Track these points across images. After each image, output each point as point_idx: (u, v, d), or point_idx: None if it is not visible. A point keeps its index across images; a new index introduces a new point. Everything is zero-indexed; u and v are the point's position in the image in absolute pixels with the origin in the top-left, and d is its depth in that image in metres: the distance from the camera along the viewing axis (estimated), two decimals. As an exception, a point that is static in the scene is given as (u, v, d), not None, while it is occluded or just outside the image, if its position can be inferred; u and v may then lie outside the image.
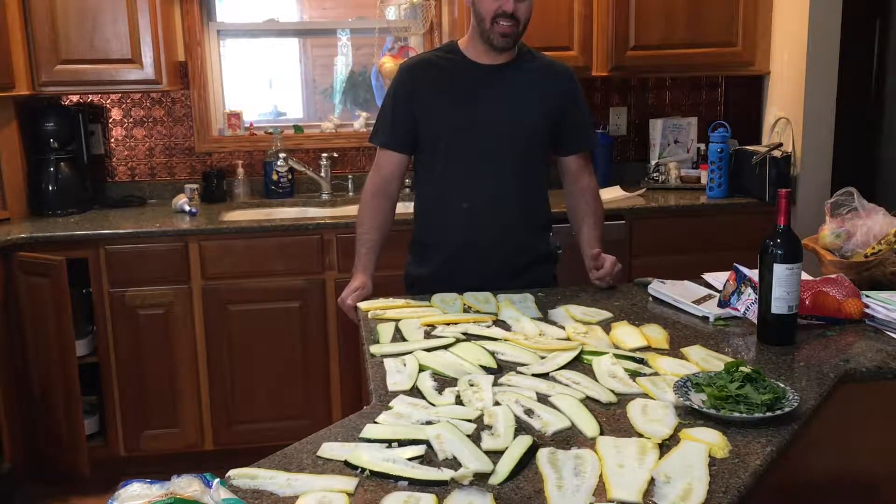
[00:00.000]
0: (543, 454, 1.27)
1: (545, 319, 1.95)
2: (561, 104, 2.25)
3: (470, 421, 1.39)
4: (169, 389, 3.25)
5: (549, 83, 2.25)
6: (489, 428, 1.36)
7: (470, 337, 1.81)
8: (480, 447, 1.29)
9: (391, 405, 1.47)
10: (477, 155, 2.21)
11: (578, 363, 1.67)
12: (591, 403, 1.47)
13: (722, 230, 3.42)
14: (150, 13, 3.32)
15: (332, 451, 1.30)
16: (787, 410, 1.38)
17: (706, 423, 1.38)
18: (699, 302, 2.00)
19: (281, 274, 3.23)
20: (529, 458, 1.26)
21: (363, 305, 2.08)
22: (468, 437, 1.32)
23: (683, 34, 3.54)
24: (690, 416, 1.41)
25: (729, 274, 1.96)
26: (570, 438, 1.34)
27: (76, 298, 3.17)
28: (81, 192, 3.55)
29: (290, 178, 3.72)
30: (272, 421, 3.29)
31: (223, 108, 3.87)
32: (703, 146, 3.79)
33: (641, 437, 1.33)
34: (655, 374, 1.60)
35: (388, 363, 1.67)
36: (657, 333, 1.82)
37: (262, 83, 4.34)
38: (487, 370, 1.62)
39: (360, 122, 3.91)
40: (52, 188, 3.45)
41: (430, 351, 1.72)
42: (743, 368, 1.47)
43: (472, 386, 1.54)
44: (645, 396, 1.50)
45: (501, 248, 2.25)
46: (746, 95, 3.87)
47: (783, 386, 1.46)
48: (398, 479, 1.21)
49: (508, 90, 2.20)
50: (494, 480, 1.20)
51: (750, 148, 3.54)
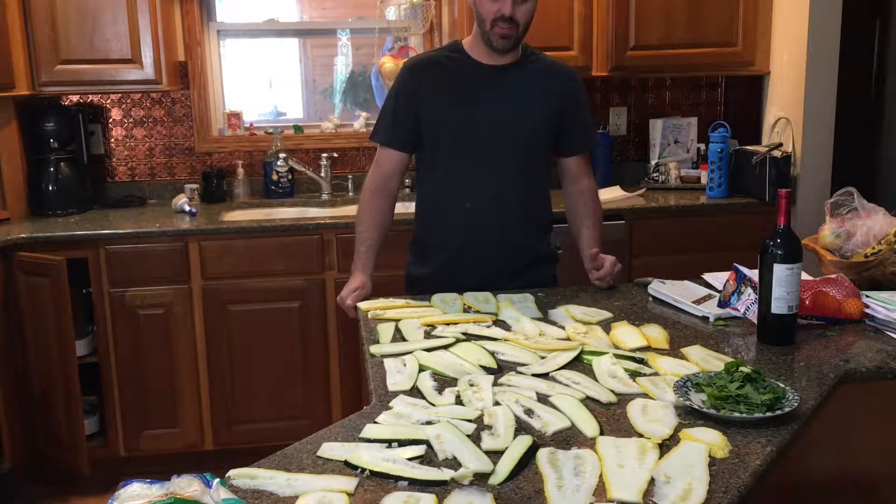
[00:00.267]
0: (543, 454, 1.27)
1: (545, 319, 1.95)
2: (563, 105, 2.25)
3: (470, 421, 1.39)
4: (169, 389, 3.25)
5: (551, 84, 2.24)
6: (489, 428, 1.36)
7: (470, 337, 1.81)
8: (480, 447, 1.29)
9: (391, 405, 1.47)
10: (479, 155, 2.21)
11: (578, 363, 1.67)
12: (591, 403, 1.47)
13: (722, 230, 3.42)
14: (150, 13, 3.32)
15: (332, 451, 1.30)
16: (787, 410, 1.38)
17: (706, 423, 1.38)
18: (699, 302, 2.00)
19: (281, 274, 3.23)
20: (529, 458, 1.26)
21: (363, 305, 2.08)
22: (468, 437, 1.32)
23: (683, 34, 3.54)
24: (690, 416, 1.41)
25: (729, 274, 1.96)
26: (570, 438, 1.34)
27: (76, 298, 3.17)
28: (81, 192, 3.55)
29: (290, 178, 3.72)
30: (272, 421, 3.29)
31: (223, 108, 3.87)
32: (703, 146, 3.79)
33: (641, 437, 1.33)
34: (655, 374, 1.60)
35: (388, 363, 1.67)
36: (657, 333, 1.82)
37: (262, 83, 4.34)
38: (487, 370, 1.62)
39: (360, 122, 3.91)
40: (52, 188, 3.45)
41: (430, 351, 1.72)
42: (743, 368, 1.47)
43: (472, 386, 1.54)
44: (645, 396, 1.50)
45: (502, 248, 2.25)
46: (746, 95, 3.87)
47: (783, 386, 1.46)
48: (398, 479, 1.21)
49: (511, 90, 2.20)
50: (494, 480, 1.20)
51: (750, 148, 3.54)
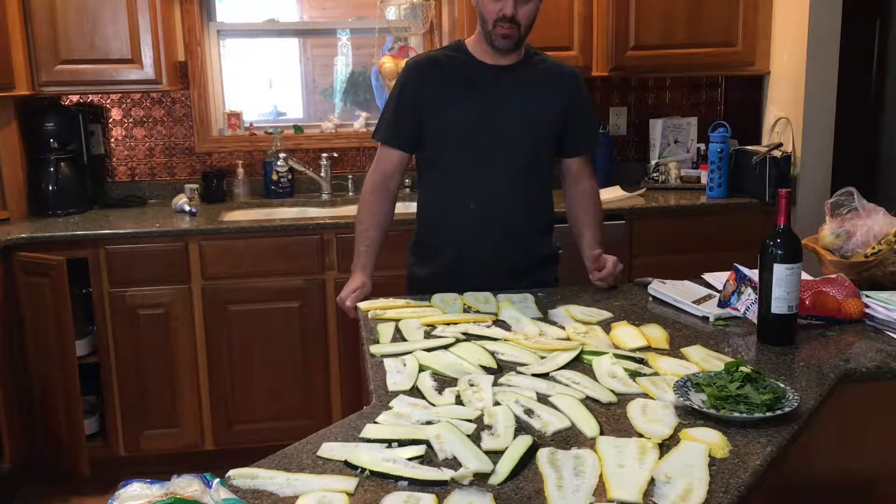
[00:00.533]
0: (543, 454, 1.27)
1: (545, 319, 1.95)
2: (566, 105, 2.24)
3: (470, 421, 1.39)
4: (169, 389, 3.25)
5: (554, 84, 2.24)
6: (489, 428, 1.36)
7: (470, 337, 1.81)
8: (480, 447, 1.29)
9: (391, 405, 1.47)
10: (481, 155, 2.20)
11: (578, 363, 1.67)
12: (591, 403, 1.47)
13: (722, 230, 3.42)
14: (150, 13, 3.32)
15: (332, 451, 1.30)
16: (787, 410, 1.38)
17: (706, 423, 1.38)
18: (699, 302, 2.00)
19: (281, 274, 3.23)
20: (529, 458, 1.26)
21: (363, 305, 2.08)
22: (468, 437, 1.32)
23: (683, 34, 3.54)
24: (690, 416, 1.40)
25: (729, 274, 1.96)
26: (570, 438, 1.34)
27: (76, 298, 3.17)
28: (81, 192, 3.55)
29: (290, 178, 3.72)
30: (272, 421, 3.29)
31: (223, 108, 3.87)
32: (703, 146, 3.79)
33: (641, 437, 1.33)
34: (655, 374, 1.60)
35: (388, 363, 1.67)
36: (657, 333, 1.82)
37: (262, 83, 4.33)
38: (487, 370, 1.62)
39: (360, 122, 3.91)
40: (52, 188, 3.45)
41: (430, 351, 1.72)
42: (743, 368, 1.47)
43: (472, 386, 1.54)
44: (645, 396, 1.50)
45: (505, 249, 2.24)
46: (746, 95, 3.87)
47: (783, 386, 1.46)
48: (398, 479, 1.20)
49: (514, 91, 2.19)
50: (494, 480, 1.20)
51: (750, 148, 3.54)
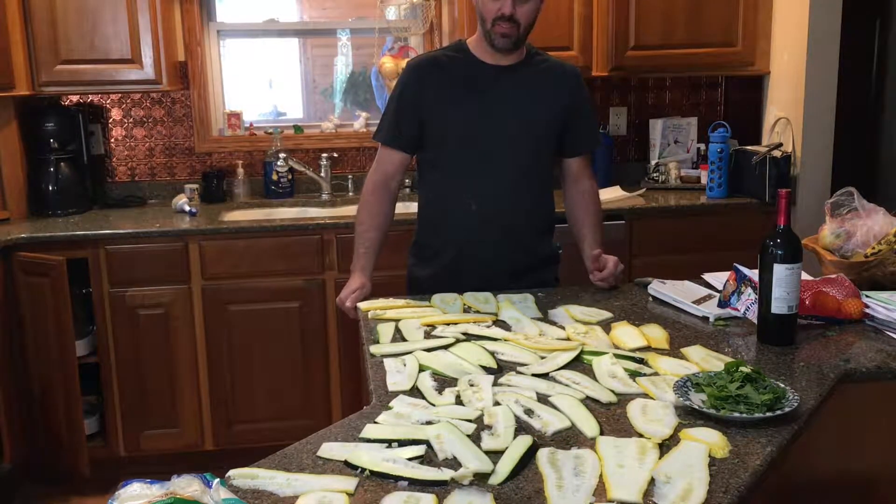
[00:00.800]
0: (543, 454, 1.27)
1: (545, 319, 1.95)
2: (567, 105, 2.24)
3: (470, 421, 1.39)
4: (169, 389, 3.25)
5: (555, 84, 2.23)
6: (489, 428, 1.36)
7: (470, 337, 1.81)
8: (480, 447, 1.29)
9: (391, 405, 1.47)
10: (482, 155, 2.19)
11: (578, 363, 1.67)
12: (591, 403, 1.47)
13: (722, 230, 3.42)
14: (150, 13, 3.32)
15: (332, 451, 1.30)
16: (787, 410, 1.38)
17: (706, 423, 1.38)
18: (699, 302, 2.00)
19: (281, 274, 3.23)
20: (529, 458, 1.26)
21: (363, 305, 2.08)
22: (468, 437, 1.32)
23: (683, 34, 3.54)
24: (690, 416, 1.40)
25: (729, 274, 1.96)
26: (570, 438, 1.34)
27: (76, 298, 3.17)
28: (81, 192, 3.55)
29: (290, 178, 3.72)
30: (272, 421, 3.29)
31: (223, 108, 3.87)
32: (703, 146, 3.79)
33: (641, 437, 1.33)
34: (655, 374, 1.60)
35: (388, 363, 1.67)
36: (657, 333, 1.82)
37: (262, 83, 4.34)
38: (487, 370, 1.62)
39: (360, 122, 3.91)
40: (52, 188, 3.45)
41: (430, 351, 1.72)
42: (743, 368, 1.47)
43: (472, 386, 1.54)
44: (645, 396, 1.50)
45: (505, 249, 2.24)
46: (746, 95, 3.87)
47: (783, 386, 1.46)
48: (398, 479, 1.20)
49: (515, 91, 2.19)
50: (494, 480, 1.20)
51: (750, 148, 3.54)
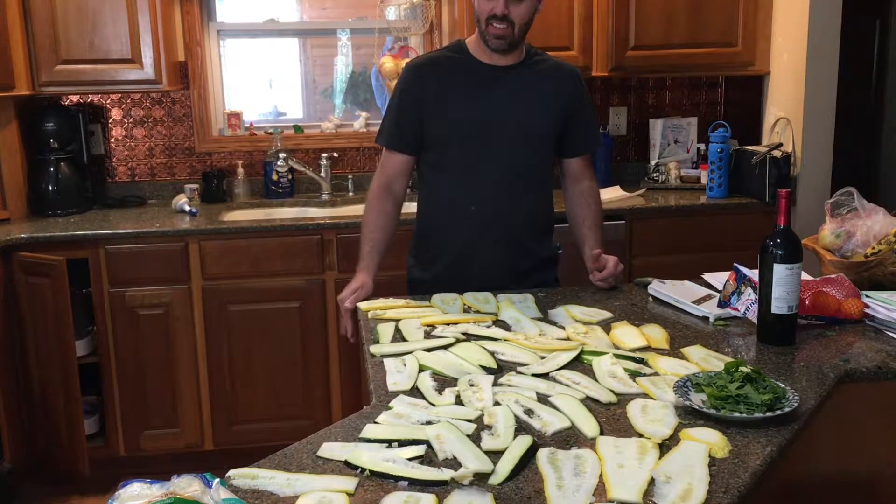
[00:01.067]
0: (543, 454, 1.27)
1: (545, 319, 1.95)
2: (567, 105, 2.23)
3: (470, 421, 1.39)
4: (169, 389, 3.25)
5: (555, 84, 2.23)
6: (489, 428, 1.36)
7: (470, 337, 1.81)
8: (480, 447, 1.29)
9: (391, 405, 1.47)
10: (482, 156, 2.19)
11: (578, 363, 1.67)
12: (591, 403, 1.47)
13: (722, 230, 3.42)
14: (150, 13, 3.31)
15: (332, 451, 1.30)
16: (787, 410, 1.38)
17: (706, 423, 1.38)
18: (699, 302, 2.00)
19: (281, 274, 3.23)
20: (529, 458, 1.26)
21: (363, 305, 2.08)
22: (468, 437, 1.32)
23: (683, 34, 3.54)
24: (690, 416, 1.40)
25: (729, 274, 1.96)
26: (570, 438, 1.34)
27: (76, 298, 3.17)
28: (81, 192, 3.55)
29: (290, 178, 3.72)
30: (272, 421, 3.29)
31: (223, 108, 3.87)
32: (703, 146, 3.79)
33: (641, 437, 1.33)
34: (655, 374, 1.60)
35: (388, 363, 1.67)
36: (657, 333, 1.82)
37: (262, 83, 4.34)
38: (487, 370, 1.62)
39: (360, 122, 3.91)
40: (52, 188, 3.45)
41: (430, 351, 1.72)
42: (743, 368, 1.47)
43: (472, 386, 1.54)
44: (645, 396, 1.50)
45: (505, 250, 2.24)
46: (746, 95, 3.87)
47: (783, 386, 1.46)
48: (398, 479, 1.20)
49: (514, 91, 2.18)
50: (494, 480, 1.20)
51: (750, 148, 3.54)
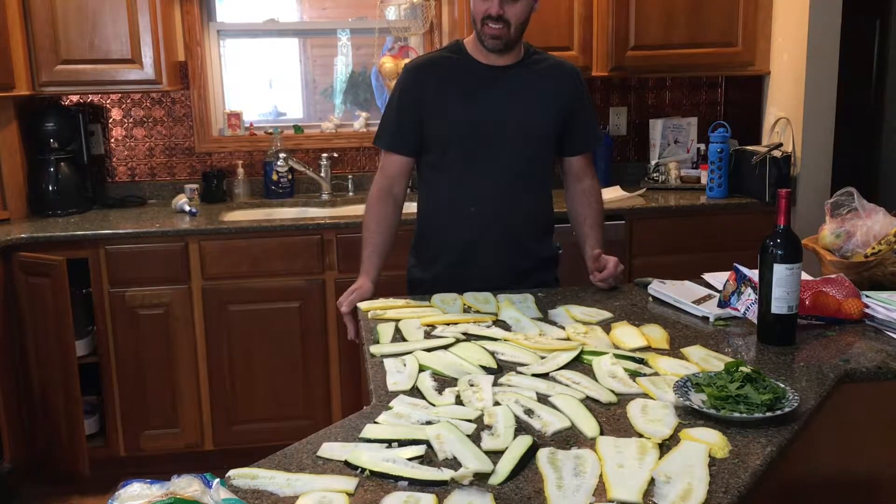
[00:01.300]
0: (543, 454, 1.27)
1: (545, 319, 1.95)
2: (567, 104, 2.23)
3: (470, 421, 1.39)
4: (169, 389, 3.25)
5: (555, 83, 2.22)
6: (489, 428, 1.36)
7: (470, 337, 1.81)
8: (480, 447, 1.29)
9: (391, 405, 1.47)
10: (481, 156, 2.18)
11: (578, 363, 1.67)
12: (591, 403, 1.47)
13: (722, 230, 3.42)
14: (150, 13, 3.32)
15: (332, 451, 1.30)
16: (787, 410, 1.38)
17: (706, 423, 1.38)
18: (699, 302, 2.00)
19: (281, 274, 3.23)
20: (529, 458, 1.26)
21: (363, 305, 2.08)
22: (468, 437, 1.32)
23: (683, 34, 3.54)
24: (690, 416, 1.40)
25: (729, 274, 1.96)
26: (570, 438, 1.34)
27: (76, 298, 3.17)
28: (81, 192, 3.55)
29: (290, 178, 3.72)
30: (272, 421, 3.29)
31: (223, 108, 3.87)
32: (703, 146, 3.79)
33: (641, 437, 1.33)
34: (655, 374, 1.60)
35: (388, 363, 1.67)
36: (657, 333, 1.82)
37: (262, 83, 4.34)
38: (487, 370, 1.62)
39: (360, 122, 3.91)
40: (52, 188, 3.45)
41: (430, 351, 1.72)
42: (743, 368, 1.47)
43: (472, 386, 1.54)
44: (645, 396, 1.50)
45: (506, 251, 2.23)
46: (746, 95, 3.87)
47: (783, 386, 1.46)
48: (398, 479, 1.20)
49: (513, 91, 2.18)
50: (494, 480, 1.20)
51: (750, 148, 3.54)
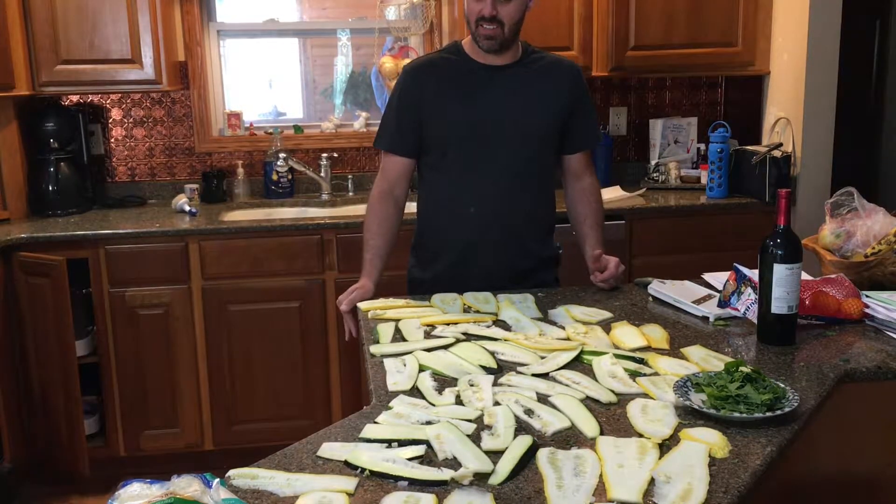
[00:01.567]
0: (543, 454, 1.27)
1: (545, 319, 1.95)
2: (567, 103, 2.22)
3: (470, 421, 1.39)
4: (169, 389, 3.25)
5: (554, 82, 2.21)
6: (489, 428, 1.36)
7: (470, 337, 1.81)
8: (480, 447, 1.29)
9: (391, 405, 1.47)
10: (480, 156, 2.18)
11: (578, 363, 1.67)
12: (591, 403, 1.47)
13: (722, 230, 3.42)
14: (150, 13, 3.32)
15: (332, 451, 1.30)
16: (787, 410, 1.38)
17: (706, 423, 1.38)
18: (699, 302, 2.00)
19: (281, 274, 3.23)
20: (529, 458, 1.26)
21: (363, 305, 2.08)
22: (468, 437, 1.32)
23: (683, 34, 3.54)
24: (690, 416, 1.40)
25: (729, 274, 1.96)
26: (570, 438, 1.34)
27: (76, 298, 3.17)
28: (81, 192, 3.55)
29: (290, 178, 3.72)
30: (272, 421, 3.29)
31: (223, 108, 3.87)
32: (703, 146, 3.79)
33: (641, 437, 1.33)
34: (655, 374, 1.60)
35: (388, 363, 1.67)
36: (657, 333, 1.82)
37: (262, 83, 4.34)
38: (487, 370, 1.62)
39: (360, 122, 3.91)
40: (52, 188, 3.45)
41: (430, 351, 1.72)
42: (743, 368, 1.47)
43: (472, 386, 1.54)
44: (645, 396, 1.50)
45: (505, 251, 2.23)
46: (746, 95, 3.87)
47: (783, 386, 1.46)
48: (398, 479, 1.20)
49: (511, 91, 2.17)
50: (494, 480, 1.20)
51: (750, 148, 3.54)
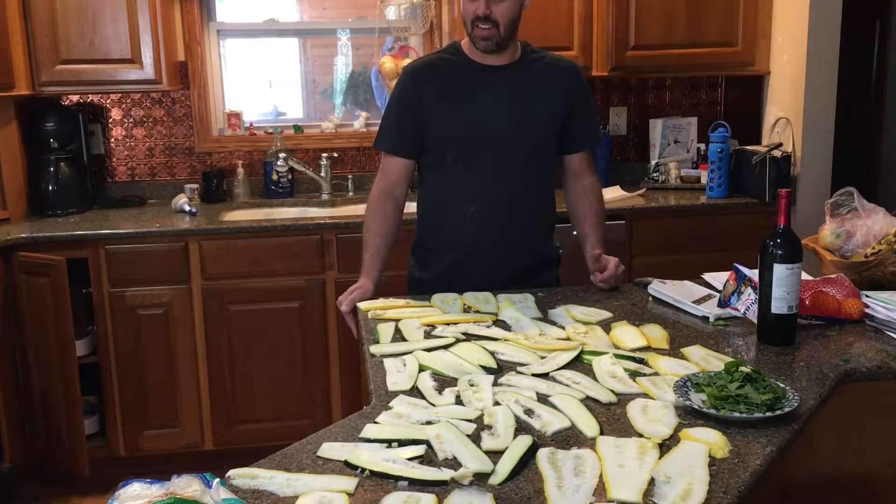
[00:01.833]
0: (543, 454, 1.27)
1: (545, 319, 1.95)
2: (567, 102, 2.22)
3: (470, 421, 1.39)
4: (169, 389, 3.25)
5: (554, 82, 2.21)
6: (489, 428, 1.36)
7: (470, 337, 1.81)
8: (480, 447, 1.29)
9: (391, 405, 1.47)
10: (483, 157, 2.18)
11: (578, 363, 1.67)
12: (591, 403, 1.47)
13: (722, 230, 3.42)
14: (150, 13, 3.32)
15: (332, 451, 1.30)
16: (787, 410, 1.38)
17: (706, 423, 1.38)
18: (699, 302, 2.00)
19: (281, 274, 3.23)
20: (529, 458, 1.26)
21: (363, 305, 2.08)
22: (468, 437, 1.32)
23: (683, 34, 3.54)
24: (690, 416, 1.40)
25: (729, 274, 1.96)
26: (570, 438, 1.34)
27: (76, 298, 3.17)
28: (81, 192, 3.55)
29: (290, 178, 3.72)
30: (272, 421, 3.29)
31: (223, 108, 3.87)
32: (703, 146, 3.79)
33: (641, 437, 1.33)
34: (655, 374, 1.60)
35: (388, 363, 1.67)
36: (657, 333, 1.82)
37: (262, 83, 4.33)
38: (487, 370, 1.62)
39: (360, 122, 3.91)
40: (52, 188, 3.45)
41: (430, 351, 1.72)
42: (743, 368, 1.47)
43: (472, 386, 1.54)
44: (645, 396, 1.50)
45: (507, 251, 2.23)
46: (746, 95, 3.87)
47: (783, 386, 1.46)
48: (398, 479, 1.21)
49: (510, 90, 2.17)
50: (494, 480, 1.20)
51: (750, 148, 3.54)
